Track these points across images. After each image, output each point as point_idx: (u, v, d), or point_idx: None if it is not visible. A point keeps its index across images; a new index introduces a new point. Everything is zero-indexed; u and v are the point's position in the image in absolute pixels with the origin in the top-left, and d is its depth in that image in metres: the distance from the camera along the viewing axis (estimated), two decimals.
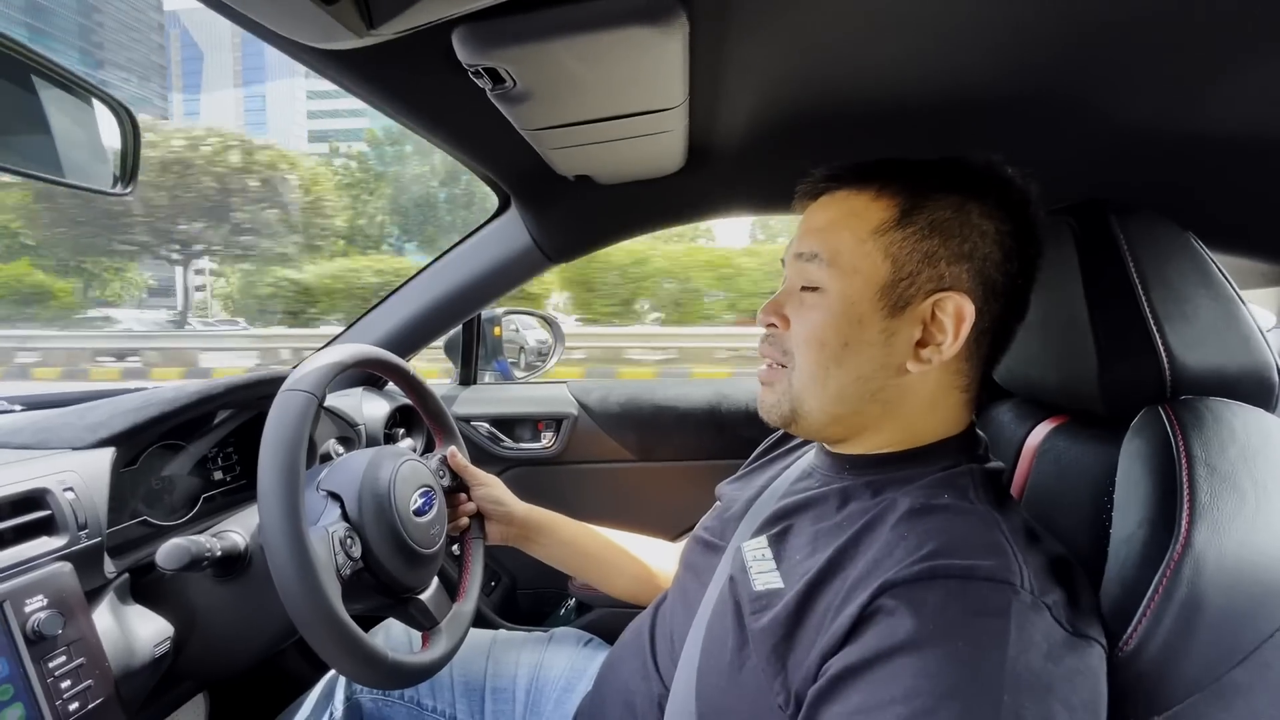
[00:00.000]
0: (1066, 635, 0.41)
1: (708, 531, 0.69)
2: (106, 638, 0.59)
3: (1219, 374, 0.53)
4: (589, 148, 0.78)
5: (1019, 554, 0.44)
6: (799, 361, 0.56)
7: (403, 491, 0.67)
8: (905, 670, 0.40)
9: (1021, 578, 0.42)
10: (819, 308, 0.54)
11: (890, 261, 0.52)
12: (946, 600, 0.41)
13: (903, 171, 0.55)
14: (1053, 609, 0.42)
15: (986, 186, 0.53)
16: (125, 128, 0.59)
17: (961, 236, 0.52)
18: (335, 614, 0.54)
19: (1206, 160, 0.74)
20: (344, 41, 0.44)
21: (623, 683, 0.67)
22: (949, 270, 0.52)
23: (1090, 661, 0.42)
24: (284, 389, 0.60)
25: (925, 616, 0.41)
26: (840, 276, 0.53)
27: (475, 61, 0.55)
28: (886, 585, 0.43)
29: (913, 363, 0.53)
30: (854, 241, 0.53)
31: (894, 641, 0.41)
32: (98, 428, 0.66)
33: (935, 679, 0.39)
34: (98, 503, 0.61)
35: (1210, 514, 0.43)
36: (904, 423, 0.55)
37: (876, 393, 0.54)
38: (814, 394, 0.55)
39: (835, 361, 0.54)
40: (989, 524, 0.46)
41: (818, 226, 0.56)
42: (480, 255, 1.09)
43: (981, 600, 0.41)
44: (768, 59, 0.64)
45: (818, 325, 0.54)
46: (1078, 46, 0.59)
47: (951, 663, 0.39)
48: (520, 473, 1.28)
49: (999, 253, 0.53)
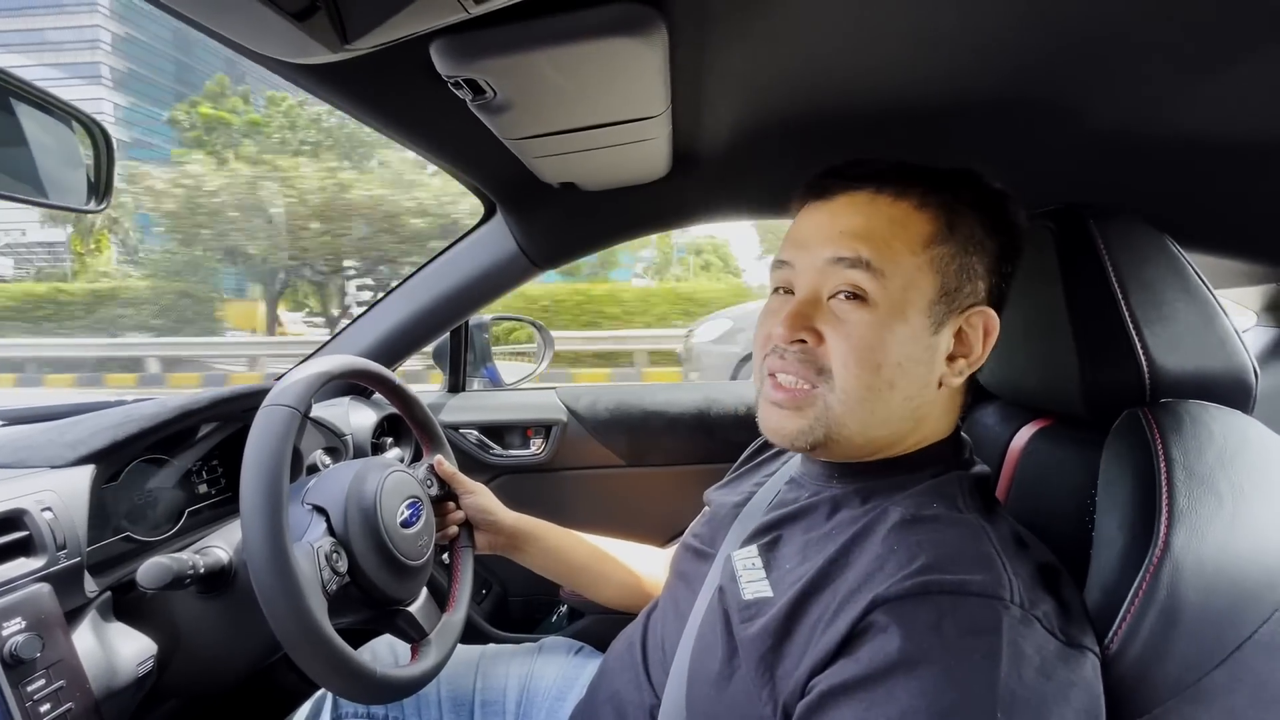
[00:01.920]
0: (1060, 645, 0.42)
1: (697, 539, 0.69)
2: (88, 658, 0.58)
3: (1197, 376, 0.54)
4: (572, 156, 0.78)
5: (1008, 565, 0.44)
6: (843, 383, 0.50)
7: (389, 504, 0.67)
8: (899, 690, 0.40)
9: (1011, 591, 0.42)
10: (868, 323, 0.50)
11: (938, 276, 0.51)
12: (939, 618, 0.41)
13: (937, 180, 0.53)
14: (1044, 620, 0.42)
15: (995, 201, 0.54)
16: (99, 145, 0.59)
17: (984, 251, 0.53)
18: (321, 632, 0.54)
19: (1184, 163, 0.75)
20: (318, 56, 0.43)
21: (615, 692, 0.66)
22: (979, 285, 0.53)
23: (1084, 672, 0.42)
24: (265, 404, 0.59)
25: (918, 635, 0.41)
26: (895, 290, 0.50)
27: (454, 73, 0.55)
28: (878, 601, 0.43)
29: (951, 376, 0.53)
30: (908, 253, 0.50)
31: (887, 660, 0.41)
32: (77, 445, 0.65)
33: (929, 698, 0.39)
34: (77, 522, 0.60)
35: (1188, 519, 0.44)
36: (920, 435, 0.55)
37: (916, 410, 0.53)
38: (858, 417, 0.51)
39: (889, 384, 0.50)
40: (977, 535, 0.46)
41: (857, 231, 0.51)
42: (466, 262, 1.08)
43: (973, 617, 0.41)
44: (748, 67, 0.64)
45: (870, 344, 0.49)
46: (1056, 52, 0.59)
47: (945, 682, 0.39)
48: (510, 480, 1.27)
49: (1007, 266, 0.55)
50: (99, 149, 0.59)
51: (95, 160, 0.59)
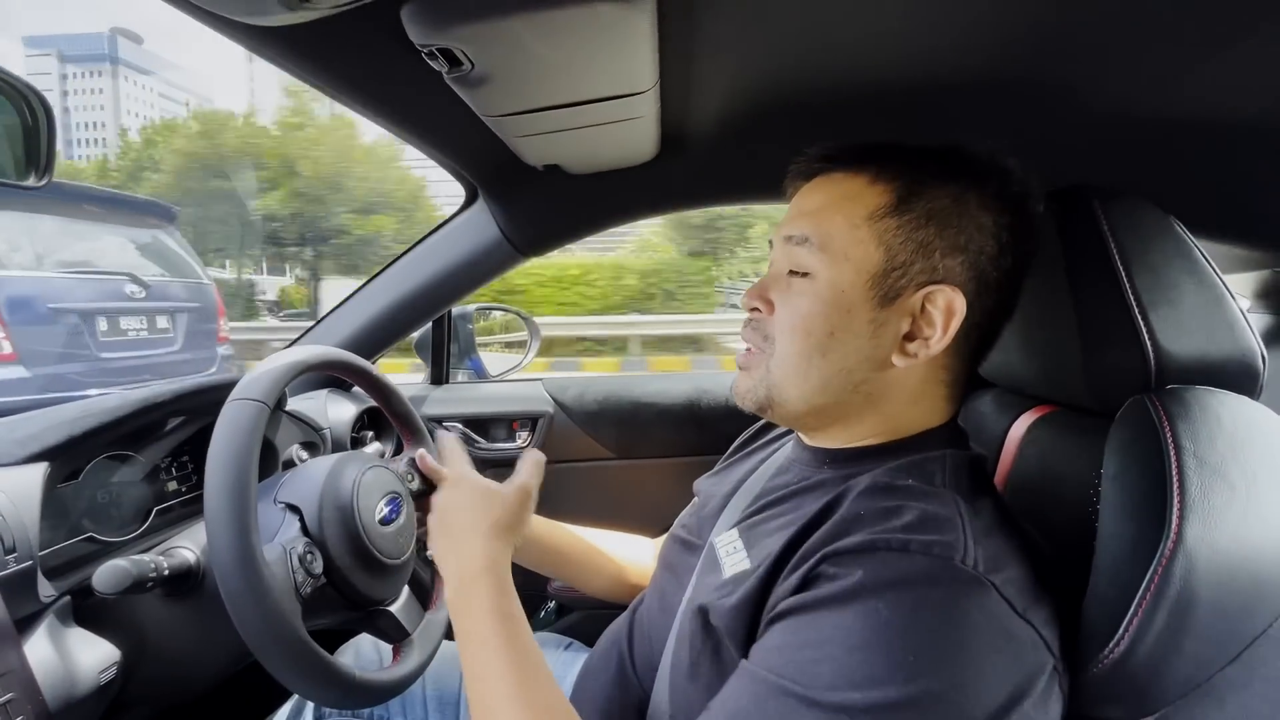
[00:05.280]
0: (1008, 611, 0.40)
1: (685, 530, 0.68)
2: (42, 668, 0.55)
3: (1204, 361, 0.52)
4: (556, 135, 0.74)
5: (969, 533, 0.43)
6: (780, 348, 0.54)
7: (367, 501, 0.64)
8: (824, 621, 0.41)
9: (964, 554, 0.41)
10: (806, 294, 0.52)
11: (884, 249, 0.50)
12: (878, 568, 0.42)
13: (901, 156, 0.53)
14: (1000, 587, 0.41)
15: (987, 176, 0.51)
16: (38, 115, 0.54)
17: (958, 227, 0.50)
18: (294, 639, 0.51)
19: (1188, 145, 0.73)
20: (274, 16, 0.40)
21: (600, 690, 0.65)
22: (943, 262, 0.50)
23: (1024, 648, 0.40)
24: (231, 398, 0.56)
25: (854, 579, 0.42)
26: (830, 263, 0.51)
27: (428, 41, 0.51)
28: (829, 554, 0.44)
29: (898, 356, 0.51)
30: (847, 226, 0.51)
31: (820, 595, 0.43)
32: (28, 442, 0.62)
33: (848, 632, 0.40)
34: (28, 523, 0.57)
35: (1201, 508, 0.42)
36: (885, 415, 0.54)
37: (859, 385, 0.52)
38: (794, 383, 0.53)
39: (819, 351, 0.52)
40: (946, 504, 0.45)
41: (809, 209, 0.54)
42: (447, 250, 1.04)
43: (912, 569, 0.41)
44: (739, 39, 0.61)
45: (803, 312, 0.52)
46: (1059, 29, 0.57)
47: (868, 619, 0.40)
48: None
49: (994, 246, 0.51)
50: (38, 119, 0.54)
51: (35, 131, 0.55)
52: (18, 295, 2.98)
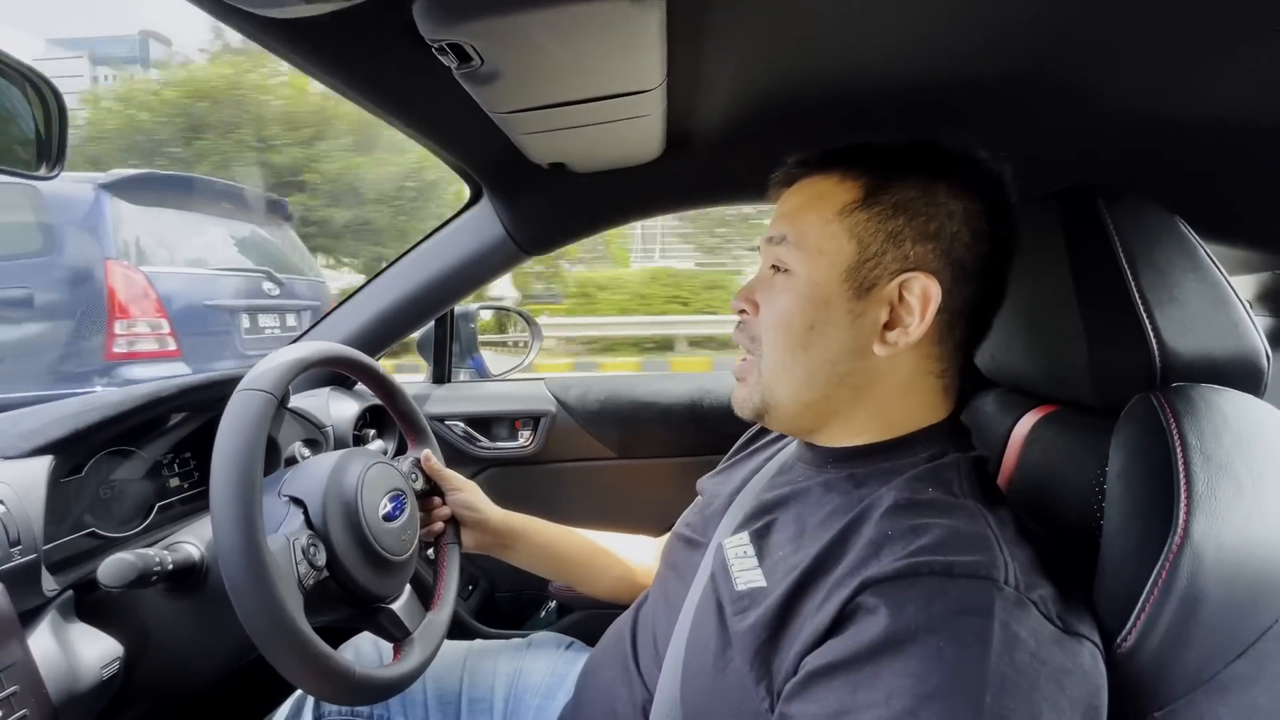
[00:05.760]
0: (1056, 631, 0.40)
1: (689, 528, 0.68)
2: (45, 661, 0.54)
3: (1209, 359, 0.52)
4: (563, 133, 0.75)
5: (1005, 548, 0.42)
6: (766, 347, 0.55)
7: (371, 496, 0.64)
8: (885, 671, 0.39)
9: (1006, 573, 0.41)
10: (786, 290, 0.54)
11: (855, 242, 0.52)
12: (928, 599, 0.40)
13: (870, 154, 0.55)
14: (1040, 604, 0.40)
15: (953, 166, 0.53)
16: (50, 106, 0.54)
17: (927, 216, 0.51)
18: (295, 629, 0.51)
19: (1194, 146, 0.74)
20: (287, 9, 0.40)
21: (604, 689, 0.64)
22: (915, 250, 0.51)
23: (1081, 660, 0.40)
24: (239, 388, 0.56)
25: (906, 615, 0.40)
26: (806, 258, 0.53)
27: (439, 36, 0.51)
28: (868, 582, 0.42)
29: (879, 345, 0.52)
30: (819, 223, 0.53)
31: (874, 641, 0.40)
32: (32, 435, 0.61)
33: (916, 679, 0.38)
34: (32, 516, 0.57)
35: (1208, 504, 0.42)
36: (876, 409, 0.54)
37: (845, 377, 0.53)
38: (783, 381, 0.55)
39: (802, 345, 0.53)
40: (974, 518, 0.45)
41: (786, 211, 0.57)
42: (452, 248, 1.04)
43: (963, 598, 0.40)
44: (747, 39, 0.62)
45: (784, 309, 0.54)
46: (1067, 30, 0.57)
47: (933, 663, 0.38)
48: (497, 473, 1.25)
49: (968, 233, 0.51)
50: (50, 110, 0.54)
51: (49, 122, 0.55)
52: (177, 291, 2.96)
